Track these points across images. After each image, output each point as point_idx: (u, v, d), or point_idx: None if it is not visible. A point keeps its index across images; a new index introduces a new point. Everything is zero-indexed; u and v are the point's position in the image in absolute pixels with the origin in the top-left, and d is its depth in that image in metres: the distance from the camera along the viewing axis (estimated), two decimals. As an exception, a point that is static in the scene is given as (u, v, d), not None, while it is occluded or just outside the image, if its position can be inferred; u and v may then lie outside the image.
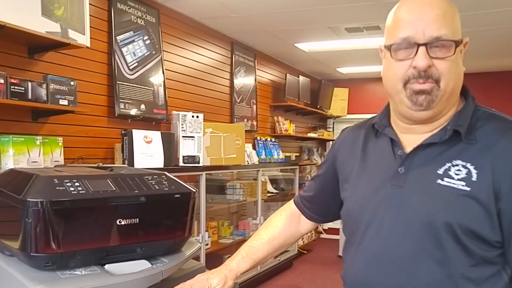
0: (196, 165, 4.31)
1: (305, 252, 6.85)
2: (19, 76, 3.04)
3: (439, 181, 1.14)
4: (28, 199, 1.13)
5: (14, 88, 2.91)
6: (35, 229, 1.13)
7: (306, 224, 1.56)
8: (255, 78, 6.50)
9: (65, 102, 3.26)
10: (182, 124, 4.27)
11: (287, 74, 7.10)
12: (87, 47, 3.66)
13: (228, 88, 5.87)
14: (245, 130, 5.59)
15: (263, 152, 6.35)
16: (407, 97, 1.16)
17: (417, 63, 1.12)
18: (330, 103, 8.33)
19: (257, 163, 5.91)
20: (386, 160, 1.25)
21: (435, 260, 1.12)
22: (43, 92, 3.10)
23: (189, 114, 4.32)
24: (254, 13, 5.00)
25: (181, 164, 4.22)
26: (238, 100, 6.04)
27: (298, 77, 7.48)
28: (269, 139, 6.66)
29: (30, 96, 3.02)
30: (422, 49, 1.11)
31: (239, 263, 1.43)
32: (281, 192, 6.53)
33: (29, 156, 2.89)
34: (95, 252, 1.23)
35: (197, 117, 4.35)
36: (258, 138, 6.41)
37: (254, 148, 6.21)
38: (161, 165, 3.87)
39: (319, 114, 8.12)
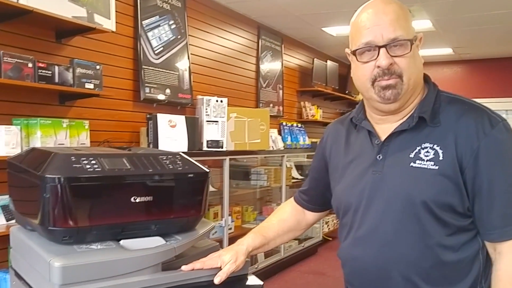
0: (220, 149, 4.35)
1: (330, 239, 6.86)
2: (47, 60, 3.11)
3: (412, 163, 1.29)
4: (46, 175, 1.16)
5: (41, 72, 2.99)
6: (53, 204, 1.16)
7: (310, 215, 1.69)
8: (282, 63, 6.48)
9: (91, 86, 3.33)
10: (206, 109, 4.31)
11: (315, 59, 7.05)
12: (113, 32, 3.72)
13: (254, 73, 5.88)
14: (271, 116, 5.60)
15: (289, 137, 6.35)
16: (376, 94, 1.30)
17: (380, 62, 1.27)
18: (358, 88, 8.21)
19: (282, 148, 5.92)
20: (366, 150, 1.40)
21: (414, 234, 1.28)
22: (69, 76, 3.17)
23: (213, 98, 4.35)
24: (280, -3, 4.96)
25: (205, 148, 4.26)
26: (264, 85, 6.05)
27: (326, 61, 7.42)
28: (295, 124, 6.65)
29: (57, 80, 3.10)
30: (382, 50, 1.26)
31: (250, 239, 1.51)
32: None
33: (56, 138, 2.98)
34: (110, 227, 1.26)
35: (221, 101, 4.38)
36: (284, 123, 6.40)
37: (279, 133, 6.21)
38: (185, 149, 3.92)
39: (348, 99, 8.07)
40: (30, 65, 2.92)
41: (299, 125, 6.75)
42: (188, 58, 4.64)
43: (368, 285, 1.38)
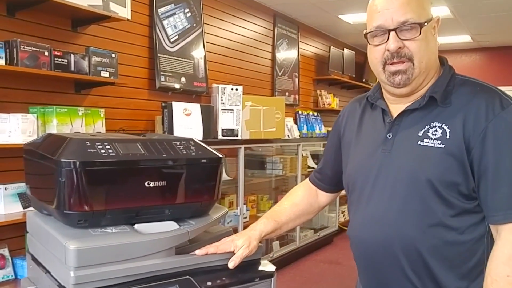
0: (235, 138, 4.35)
1: (346, 228, 6.85)
2: (63, 48, 3.14)
3: (420, 142, 1.30)
4: (62, 160, 1.18)
5: (57, 60, 3.02)
6: (68, 188, 1.18)
7: (323, 197, 1.70)
8: (298, 51, 6.45)
9: (107, 74, 3.35)
10: (221, 97, 4.31)
11: (331, 47, 7.00)
12: (128, 20, 3.73)
13: (269, 61, 5.86)
14: (287, 104, 5.58)
15: (305, 126, 6.33)
16: (386, 78, 1.33)
17: (389, 46, 1.29)
18: (376, 76, 8.14)
19: (298, 137, 5.90)
20: (378, 128, 1.42)
21: (419, 213, 1.29)
22: (85, 64, 3.19)
23: (228, 86, 4.35)
24: (296, -15, 4.93)
25: (220, 137, 4.27)
26: (279, 74, 6.02)
27: (343, 50, 7.36)
28: (311, 113, 6.62)
29: (73, 68, 3.12)
30: (392, 33, 1.28)
31: (263, 224, 1.52)
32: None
33: (72, 126, 3.00)
34: (124, 211, 1.27)
35: (236, 89, 4.37)
36: (300, 112, 6.38)
37: (295, 122, 6.19)
38: (200, 138, 3.93)
39: (365, 88, 7.99)
40: (46, 53, 2.94)
41: (315, 113, 6.72)
42: (204, 47, 4.64)
43: (373, 263, 1.40)
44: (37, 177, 1.42)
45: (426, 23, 1.29)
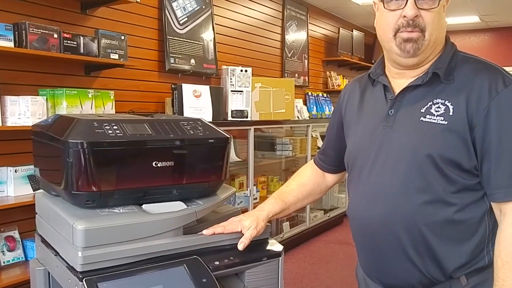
0: (245, 119, 4.35)
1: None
2: (72, 31, 3.14)
3: (422, 118, 1.29)
4: (69, 140, 1.18)
5: (67, 43, 3.02)
6: (76, 169, 1.18)
7: (330, 177, 1.69)
8: (307, 33, 6.40)
9: (116, 56, 3.34)
10: (231, 79, 4.29)
11: (340, 28, 6.95)
12: (137, 2, 3.71)
13: (279, 43, 5.82)
14: (296, 86, 5.55)
15: (314, 107, 6.31)
16: (397, 45, 1.30)
17: (407, 12, 1.25)
18: (385, 58, 8.09)
19: (308, 118, 5.88)
20: (379, 105, 1.40)
21: (420, 189, 1.28)
22: (94, 46, 3.19)
23: (238, 68, 4.33)
24: (305, -35, 4.87)
25: (229, 118, 4.27)
26: (289, 55, 5.99)
27: (352, 31, 7.30)
28: (320, 94, 6.59)
29: (82, 51, 3.12)
30: (410, 0, 1.25)
31: (271, 205, 1.51)
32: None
33: (82, 108, 3.01)
34: (132, 192, 1.27)
35: (246, 71, 4.36)
36: (310, 93, 6.36)
37: (305, 103, 6.17)
38: (210, 119, 3.93)
39: (374, 69, 7.94)
40: (55, 35, 2.94)
41: (325, 95, 6.69)
42: (213, 29, 4.61)
43: (373, 242, 1.39)
44: (45, 158, 1.42)
45: None
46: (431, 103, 1.29)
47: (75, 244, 1.13)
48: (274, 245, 1.42)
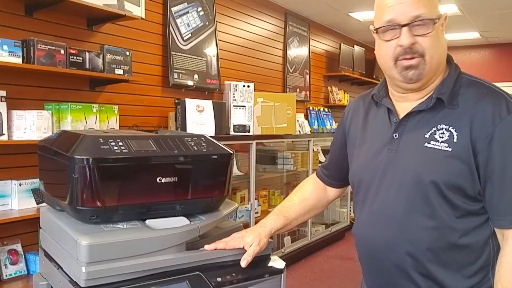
0: (247, 134, 4.38)
1: (358, 223, 6.84)
2: (79, 47, 3.18)
3: (426, 144, 1.30)
4: (75, 156, 1.20)
5: (73, 58, 3.06)
6: (81, 184, 1.20)
7: (331, 191, 1.70)
8: (309, 48, 6.45)
9: (121, 72, 3.38)
10: (233, 94, 4.33)
11: (342, 44, 7.00)
12: (142, 19, 3.77)
13: (281, 59, 5.87)
14: (298, 100, 5.59)
15: (316, 122, 6.34)
16: (398, 73, 1.30)
17: (402, 41, 1.26)
18: (386, 73, 8.13)
19: (309, 132, 5.91)
20: (383, 128, 1.41)
21: (424, 214, 1.28)
22: (100, 62, 3.23)
23: (240, 83, 4.37)
24: (307, -18, 4.94)
25: (232, 132, 4.30)
26: (291, 70, 6.03)
27: (353, 47, 7.35)
28: (322, 109, 6.62)
29: (87, 66, 3.16)
30: (405, 29, 1.25)
31: (273, 221, 1.52)
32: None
33: (86, 123, 3.05)
34: (136, 207, 1.29)
35: (248, 86, 4.40)
36: (311, 108, 6.39)
37: (306, 118, 6.20)
38: (212, 134, 3.96)
39: (375, 84, 7.91)
40: (62, 51, 2.98)
41: (326, 109, 6.72)
42: (216, 44, 4.66)
43: (377, 263, 1.39)
44: (51, 173, 1.44)
45: (437, 20, 1.27)
46: (435, 128, 1.30)
47: (79, 259, 1.14)
48: (276, 261, 1.43)
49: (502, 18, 6.52)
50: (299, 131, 5.66)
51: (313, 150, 5.71)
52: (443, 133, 1.28)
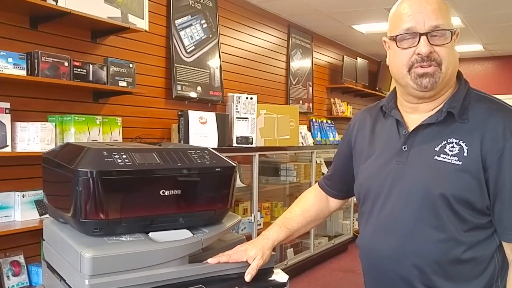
0: (250, 145, 4.38)
1: (361, 236, 6.81)
2: (83, 59, 3.20)
3: (436, 157, 1.30)
4: (79, 169, 1.20)
5: (76, 70, 3.08)
6: (85, 197, 1.21)
7: (333, 202, 1.71)
8: (312, 60, 6.48)
9: (124, 84, 3.40)
10: (236, 106, 4.34)
11: (344, 56, 7.02)
12: (146, 31, 3.79)
13: (284, 71, 5.89)
14: (301, 112, 5.59)
15: (319, 134, 6.34)
16: (412, 80, 1.31)
17: (420, 50, 1.27)
18: (389, 85, 8.17)
19: (312, 144, 5.91)
20: (392, 139, 1.41)
21: (432, 226, 1.29)
22: (103, 74, 3.25)
23: (243, 95, 4.39)
24: (310, -5, 4.98)
25: (234, 144, 4.30)
26: (294, 82, 6.05)
27: (356, 59, 7.38)
28: (325, 121, 6.63)
29: (91, 78, 3.18)
30: (423, 38, 1.27)
31: (275, 232, 1.52)
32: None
33: (89, 134, 3.05)
34: (139, 220, 1.29)
35: (251, 98, 4.41)
36: (314, 120, 6.40)
37: (309, 130, 6.21)
38: (215, 145, 3.97)
39: (378, 96, 7.98)
40: (66, 64, 3.00)
41: (329, 121, 6.73)
42: (219, 57, 4.68)
43: (382, 274, 1.39)
44: (55, 186, 1.45)
45: (454, 31, 1.30)
46: (445, 142, 1.30)
47: (82, 272, 1.14)
48: (279, 274, 1.43)
49: (505, 30, 6.55)
50: (302, 143, 5.66)
51: (316, 162, 5.71)
52: (453, 146, 1.29)
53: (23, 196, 2.88)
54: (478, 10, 5.49)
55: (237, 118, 4.34)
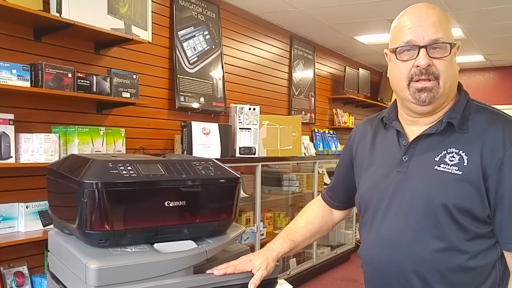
0: (252, 156, 4.39)
1: (364, 246, 6.79)
2: (86, 70, 3.22)
3: (436, 167, 1.31)
4: (84, 181, 1.21)
5: (80, 82, 3.09)
6: (90, 209, 1.22)
7: (337, 213, 1.72)
8: (314, 71, 6.50)
9: (128, 95, 3.42)
10: (239, 116, 4.36)
11: (346, 67, 7.05)
12: (149, 42, 3.82)
13: (286, 81, 5.91)
14: (303, 123, 5.61)
15: (321, 144, 6.35)
16: (411, 95, 1.32)
17: (419, 62, 1.29)
18: (391, 95, 8.18)
19: (314, 155, 5.92)
20: (392, 150, 1.42)
21: (434, 236, 1.29)
22: (107, 85, 3.27)
23: (246, 106, 4.41)
24: (312, 7, 5.01)
25: (237, 155, 4.32)
26: (296, 93, 6.07)
27: (358, 69, 7.40)
28: (327, 131, 6.64)
29: (95, 89, 3.19)
30: (422, 50, 1.29)
31: (279, 244, 1.53)
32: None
33: (93, 145, 3.07)
34: (145, 231, 1.30)
35: (254, 109, 4.43)
36: (316, 130, 6.41)
37: (311, 140, 6.22)
38: (218, 156, 3.98)
39: (380, 106, 8.00)
40: (69, 75, 3.02)
41: (331, 132, 6.74)
42: (222, 68, 4.71)
43: (384, 285, 1.40)
44: (60, 197, 1.46)
45: (453, 44, 1.31)
46: (445, 152, 1.31)
47: (87, 283, 1.15)
48: (283, 285, 1.44)
49: (506, 41, 6.58)
50: (304, 153, 5.67)
51: (318, 172, 5.72)
52: (453, 156, 1.30)
53: (26, 207, 2.89)
54: (479, 21, 5.52)
55: (240, 128, 4.35)
